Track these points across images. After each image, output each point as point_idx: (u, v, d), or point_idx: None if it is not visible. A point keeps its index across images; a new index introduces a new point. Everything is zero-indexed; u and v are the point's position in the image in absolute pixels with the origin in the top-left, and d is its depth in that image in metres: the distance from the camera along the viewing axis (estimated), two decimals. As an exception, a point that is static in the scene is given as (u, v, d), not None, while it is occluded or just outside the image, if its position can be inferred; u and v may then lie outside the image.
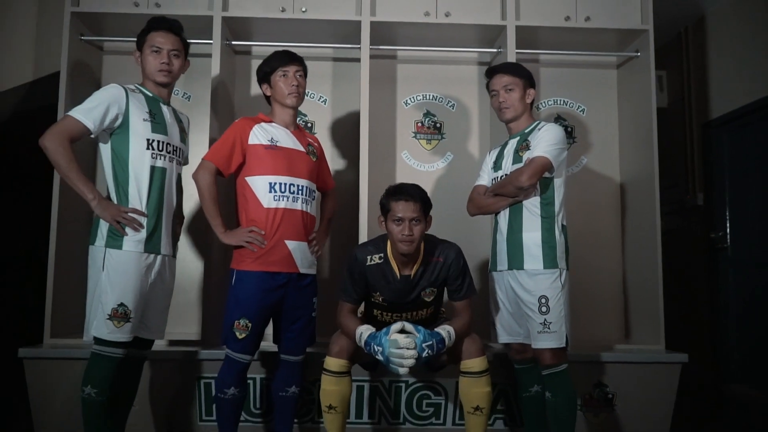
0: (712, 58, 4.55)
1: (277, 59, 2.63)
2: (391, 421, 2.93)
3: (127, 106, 2.42)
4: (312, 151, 2.70)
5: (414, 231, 2.43)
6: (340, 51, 3.42)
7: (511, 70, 2.68)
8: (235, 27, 3.21)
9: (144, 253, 2.40)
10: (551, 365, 2.47)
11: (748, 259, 4.26)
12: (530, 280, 2.51)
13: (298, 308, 2.60)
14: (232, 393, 2.51)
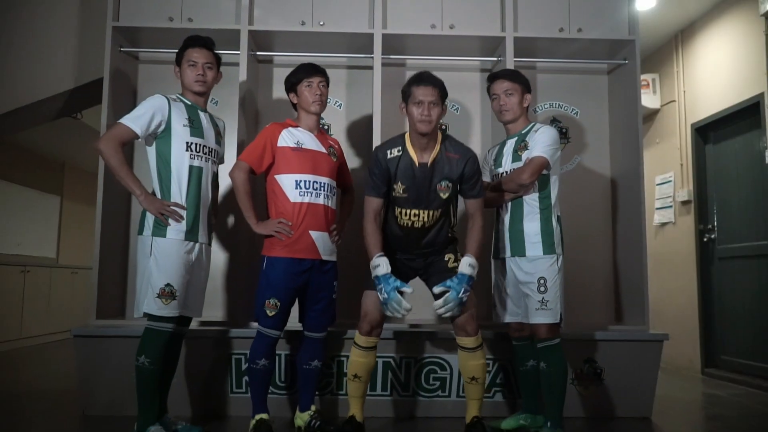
0: (702, 62, 4.85)
1: (303, 71, 2.91)
2: (401, 393, 3.21)
3: (169, 113, 2.73)
4: (333, 152, 2.97)
5: (432, 112, 2.66)
6: (354, 60, 3.68)
7: (510, 76, 2.94)
8: (259, 39, 3.50)
9: (185, 241, 2.69)
10: (546, 339, 2.74)
11: (733, 251, 4.56)
12: (530, 265, 2.77)
13: (321, 290, 2.86)
14: (263, 364, 2.77)
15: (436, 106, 2.69)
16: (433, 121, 2.67)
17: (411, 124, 2.73)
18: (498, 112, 2.95)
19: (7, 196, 7.07)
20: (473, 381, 2.75)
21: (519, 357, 2.99)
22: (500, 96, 2.91)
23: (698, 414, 3.73)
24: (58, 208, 8.23)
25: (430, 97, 2.67)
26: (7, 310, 6.13)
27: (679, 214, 5.14)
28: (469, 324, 2.72)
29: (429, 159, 2.73)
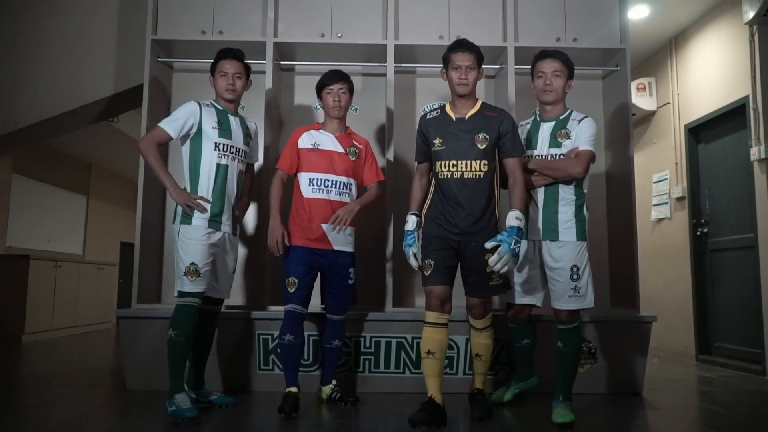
0: (693, 67, 5.14)
1: (326, 78, 3.21)
2: (413, 371, 3.53)
3: (200, 117, 3.04)
4: (353, 152, 3.21)
5: (469, 76, 2.86)
6: (368, 68, 3.99)
7: (563, 58, 3.00)
8: (283, 50, 3.84)
9: (208, 228, 2.99)
10: (569, 322, 2.92)
11: (724, 243, 4.85)
12: (561, 251, 2.89)
13: (336, 275, 3.15)
14: (288, 339, 3.04)
15: (473, 70, 2.88)
16: (470, 84, 2.87)
17: (451, 87, 2.93)
18: (541, 90, 2.99)
19: (38, 195, 7.46)
20: (478, 357, 3.02)
21: (515, 336, 3.18)
22: (547, 75, 2.96)
23: (686, 391, 4.03)
24: (84, 206, 8.64)
25: (467, 62, 2.86)
26: (40, 302, 6.51)
27: (674, 210, 5.43)
28: (476, 308, 2.93)
29: (467, 115, 2.90)
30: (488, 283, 2.86)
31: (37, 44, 4.19)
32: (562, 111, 3.01)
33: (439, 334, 2.83)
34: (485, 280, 2.85)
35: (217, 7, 3.88)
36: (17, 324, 6.16)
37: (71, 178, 8.29)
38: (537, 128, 3.03)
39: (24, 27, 4.22)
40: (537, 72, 3.02)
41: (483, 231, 2.83)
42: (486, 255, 2.76)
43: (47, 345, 6.18)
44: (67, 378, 4.13)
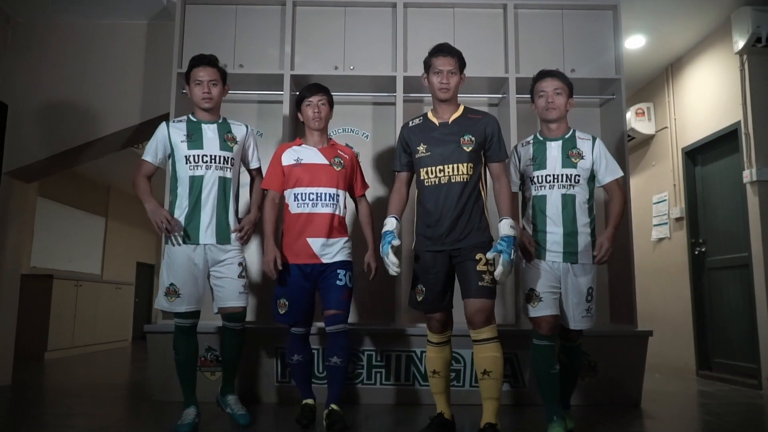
0: (689, 93, 5.38)
1: (305, 90, 3.18)
2: (421, 383, 3.71)
3: (169, 136, 3.05)
4: (338, 162, 3.13)
5: (450, 81, 2.80)
6: (379, 98, 4.23)
7: (562, 76, 3.00)
8: (299, 81, 4.07)
9: (186, 245, 2.95)
10: (575, 339, 2.97)
11: (721, 262, 5.04)
12: (581, 273, 2.86)
13: (324, 281, 3.03)
14: (296, 359, 3.11)
15: (455, 74, 2.82)
16: (451, 89, 2.81)
17: (432, 92, 2.87)
18: (544, 109, 2.95)
19: (60, 217, 7.74)
20: (485, 375, 2.67)
21: (545, 361, 2.84)
22: (549, 93, 2.93)
23: (683, 403, 4.20)
24: (103, 227, 8.91)
25: (448, 66, 2.80)
26: (62, 320, 6.76)
27: (673, 230, 5.62)
28: (475, 316, 2.68)
29: (450, 118, 2.84)
30: (478, 282, 2.69)
31: (71, 77, 4.45)
32: (566, 130, 2.99)
33: (443, 353, 2.86)
34: (476, 279, 2.69)
35: (237, 42, 4.15)
36: (40, 341, 6.41)
37: (91, 201, 8.59)
38: (543, 147, 2.98)
39: (58, 60, 4.49)
40: (538, 92, 3.00)
41: (473, 233, 2.75)
42: (477, 255, 2.70)
43: (68, 361, 6.41)
44: (94, 390, 4.36)
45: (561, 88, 2.95)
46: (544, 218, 2.91)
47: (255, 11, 4.21)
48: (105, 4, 4.30)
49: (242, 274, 3.09)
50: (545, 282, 2.85)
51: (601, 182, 2.97)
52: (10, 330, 4.55)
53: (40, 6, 4.34)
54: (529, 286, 2.89)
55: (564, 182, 2.90)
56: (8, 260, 4.51)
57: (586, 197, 2.93)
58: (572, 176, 2.90)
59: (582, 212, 2.90)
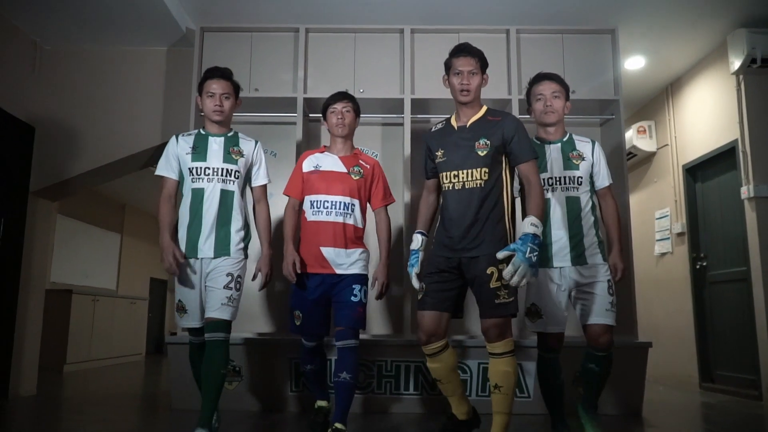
0: (688, 111, 5.54)
1: (330, 98, 3.17)
2: (430, 392, 3.86)
3: (176, 148, 3.00)
4: (357, 171, 3.09)
5: (471, 81, 2.69)
6: (387, 119, 4.42)
7: (559, 79, 2.98)
8: (311, 104, 4.28)
9: (188, 259, 2.91)
10: (606, 347, 2.80)
11: (721, 276, 5.17)
12: (593, 271, 2.82)
13: (338, 294, 2.98)
14: (309, 368, 3.15)
15: (476, 75, 2.72)
16: (472, 90, 2.70)
17: (453, 95, 2.78)
18: (542, 113, 2.94)
19: (78, 234, 7.96)
20: (496, 390, 2.60)
21: (551, 373, 2.94)
22: (547, 97, 2.91)
23: (684, 413, 4.32)
24: (118, 244, 9.13)
25: (469, 67, 2.70)
26: (80, 334, 6.95)
27: (675, 245, 5.75)
28: (489, 330, 2.59)
29: (468, 122, 2.74)
30: (494, 300, 2.54)
31: (94, 100, 4.67)
32: (563, 133, 2.99)
33: (438, 362, 2.73)
34: (491, 298, 2.55)
35: (253, 67, 4.37)
36: (60, 354, 6.60)
37: (107, 218, 8.82)
38: (542, 150, 2.94)
39: (81, 85, 4.71)
40: (535, 95, 2.97)
41: (486, 242, 2.59)
42: (489, 269, 2.55)
43: (86, 374, 6.59)
44: (114, 400, 4.53)
45: (559, 91, 2.95)
46: (548, 222, 2.85)
47: (269, 38, 4.44)
48: (127, 32, 4.52)
49: (229, 285, 2.90)
50: (548, 294, 2.83)
51: (597, 187, 2.98)
52: (35, 342, 4.74)
53: (66, 34, 4.57)
54: (531, 300, 2.88)
55: (567, 184, 2.88)
56: (34, 276, 4.71)
57: (588, 199, 2.92)
58: (575, 178, 2.89)
59: (587, 214, 2.89)
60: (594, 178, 2.98)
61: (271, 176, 3.43)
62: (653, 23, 4.55)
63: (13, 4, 4.18)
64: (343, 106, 3.14)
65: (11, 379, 4.45)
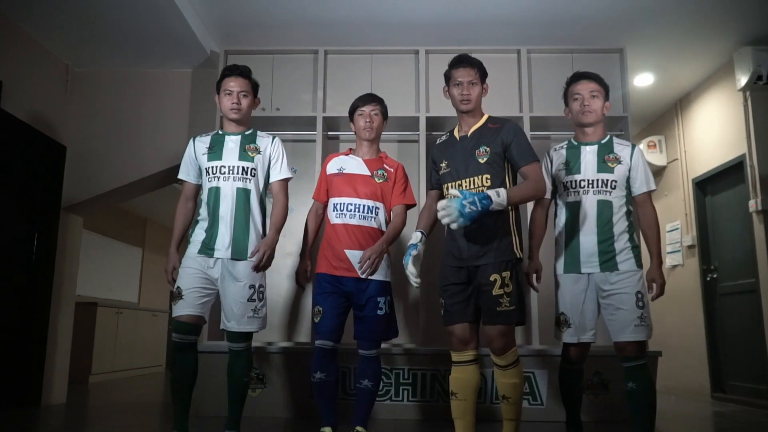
0: (697, 126, 5.66)
1: (359, 100, 3.14)
2: (445, 400, 3.97)
3: (194, 149, 3.01)
4: (381, 174, 3.07)
5: (471, 91, 2.70)
6: (403, 136, 4.58)
7: (598, 78, 2.87)
8: (330, 122, 4.47)
9: (199, 255, 2.87)
10: (636, 357, 2.66)
11: (731, 288, 5.26)
12: (623, 279, 2.68)
13: (364, 306, 2.95)
14: (319, 377, 2.89)
15: (476, 85, 2.72)
16: (472, 100, 2.71)
17: (454, 104, 2.79)
18: (579, 113, 2.85)
19: (102, 248, 8.16)
20: (505, 400, 2.62)
21: (572, 382, 2.93)
22: (584, 96, 2.82)
23: (695, 421, 4.41)
24: (140, 258, 9.34)
25: (468, 78, 2.71)
26: (104, 346, 7.14)
27: (686, 257, 5.85)
28: (492, 343, 2.59)
29: (469, 131, 2.74)
30: (496, 308, 2.55)
31: (122, 120, 4.87)
32: (603, 134, 2.87)
33: (464, 373, 2.66)
34: (493, 305, 2.56)
35: (275, 87, 4.57)
36: (85, 365, 6.78)
37: (129, 233, 9.02)
38: (577, 152, 2.87)
39: (110, 106, 4.93)
40: (572, 95, 2.88)
41: (491, 251, 2.59)
42: (492, 276, 2.56)
43: (111, 385, 6.77)
44: (143, 408, 4.71)
45: (597, 91, 2.84)
46: (577, 226, 2.79)
47: (290, 59, 4.65)
48: (154, 55, 4.73)
49: (252, 298, 2.89)
50: (576, 303, 2.77)
51: (634, 192, 2.83)
52: (65, 353, 4.93)
53: (96, 57, 4.80)
54: (560, 309, 2.84)
55: (600, 187, 2.77)
56: (64, 288, 4.90)
57: (623, 203, 2.80)
58: (608, 181, 2.78)
59: (619, 219, 2.76)
60: (631, 183, 2.83)
61: (291, 192, 3.47)
62: (661, 42, 4.69)
63: (47, 31, 4.41)
64: (371, 109, 3.11)
65: (43, 388, 4.64)
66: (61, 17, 4.21)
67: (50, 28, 4.39)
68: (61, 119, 4.85)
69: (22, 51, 4.38)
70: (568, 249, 2.83)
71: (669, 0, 4.13)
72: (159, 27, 4.28)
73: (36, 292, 4.61)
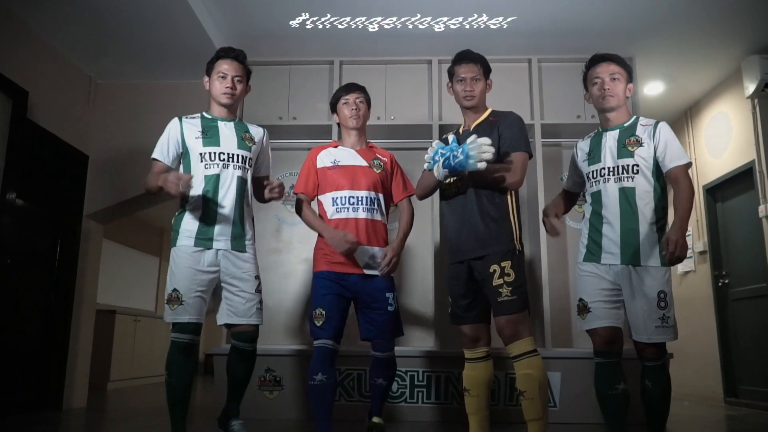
0: (707, 134, 5.72)
1: (341, 90, 3.06)
2: (459, 402, 4.04)
3: (181, 130, 2.79)
4: (378, 164, 2.99)
5: (474, 88, 2.69)
6: (416, 143, 4.65)
7: (619, 60, 2.68)
8: (345, 131, 4.62)
9: (195, 248, 2.66)
10: (656, 358, 2.52)
11: (743, 293, 5.30)
12: (645, 276, 2.48)
13: (372, 303, 2.87)
14: (319, 379, 2.73)
15: (479, 81, 2.72)
16: (475, 96, 2.71)
17: (457, 100, 2.80)
18: (600, 98, 2.66)
19: (121, 257, 8.31)
20: (522, 396, 2.51)
21: (606, 380, 2.58)
22: (604, 80, 2.64)
23: (709, 425, 4.44)
24: (157, 267, 9.48)
25: (471, 74, 2.71)
26: (122, 353, 7.26)
27: (698, 263, 5.89)
28: (501, 332, 2.55)
29: (472, 125, 2.74)
30: (497, 299, 2.54)
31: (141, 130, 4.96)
32: (627, 117, 2.66)
33: (475, 370, 2.67)
34: (495, 296, 2.55)
35: (291, 97, 4.70)
36: (104, 372, 6.89)
37: (147, 242, 9.18)
38: (599, 140, 2.69)
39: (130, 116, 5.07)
40: (591, 79, 2.71)
41: (490, 242, 2.58)
42: (492, 267, 2.55)
43: (129, 391, 6.89)
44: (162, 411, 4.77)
45: (618, 73, 2.65)
46: (600, 216, 2.60)
47: (306, 70, 4.78)
48: (173, 66, 4.87)
49: (258, 289, 2.85)
50: (596, 289, 2.57)
51: (665, 169, 2.54)
52: (86, 359, 5.05)
53: (118, 69, 4.95)
54: (579, 295, 2.65)
55: (620, 174, 2.56)
56: (85, 295, 5.03)
57: (649, 190, 2.54)
58: (629, 167, 2.55)
59: (645, 207, 2.53)
60: (660, 162, 2.55)
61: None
62: (670, 51, 4.77)
63: (72, 44, 4.56)
64: (356, 97, 3.03)
65: (65, 393, 4.75)
66: (85, 30, 4.36)
67: (75, 42, 4.54)
68: (84, 129, 5.00)
69: (47, 63, 4.53)
70: (590, 239, 2.65)
71: (677, 10, 4.23)
72: (179, 39, 4.42)
73: (58, 297, 4.74)
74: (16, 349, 4.33)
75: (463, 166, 2.48)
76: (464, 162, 2.46)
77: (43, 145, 4.52)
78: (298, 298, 4.44)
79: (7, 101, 4.03)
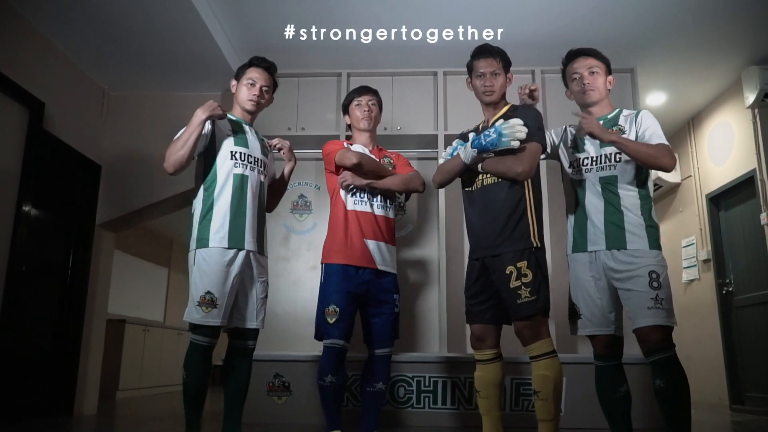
0: (709, 143, 5.79)
1: (354, 92, 3.15)
2: (466, 407, 4.10)
3: (213, 127, 2.75)
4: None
5: (494, 83, 2.64)
6: (423, 153, 4.77)
7: (595, 53, 2.65)
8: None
9: (227, 249, 2.62)
10: (661, 347, 2.31)
11: (747, 300, 5.35)
12: (632, 257, 2.39)
13: (380, 302, 2.92)
14: (330, 380, 2.77)
15: (498, 75, 2.66)
16: (495, 91, 2.66)
17: (477, 96, 2.75)
18: (580, 93, 2.63)
19: (131, 267, 8.41)
20: (535, 395, 2.48)
21: (608, 383, 2.56)
22: (583, 74, 2.61)
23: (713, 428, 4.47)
24: (166, 277, 9.58)
25: (491, 68, 2.66)
26: (131, 362, 7.33)
27: (702, 271, 5.94)
28: (520, 333, 2.51)
29: (491, 120, 2.69)
30: (516, 301, 2.47)
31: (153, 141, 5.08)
32: (609, 110, 2.64)
33: (485, 372, 2.65)
34: (513, 299, 2.48)
35: (300, 108, 4.81)
36: (113, 381, 6.96)
37: (156, 253, 9.28)
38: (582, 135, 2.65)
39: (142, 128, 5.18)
40: (570, 75, 2.68)
41: (507, 241, 2.53)
42: (508, 269, 2.49)
43: (138, 399, 6.95)
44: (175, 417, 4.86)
45: (597, 66, 2.62)
46: (584, 206, 2.57)
47: (314, 82, 4.89)
48: (185, 79, 4.99)
49: (267, 292, 2.87)
50: (584, 292, 2.53)
51: None
52: (96, 367, 5.13)
53: (131, 81, 5.07)
54: (570, 298, 2.62)
55: (602, 163, 2.54)
56: (97, 304, 5.11)
57: (632, 178, 2.50)
58: (611, 155, 2.52)
59: (627, 194, 2.49)
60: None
61: (314, 208, 4.05)
62: (671, 62, 4.86)
63: (87, 56, 4.69)
64: (368, 99, 3.10)
65: (76, 399, 4.83)
66: (99, 44, 4.48)
67: (89, 54, 4.66)
68: (97, 140, 5.10)
69: (63, 75, 4.65)
70: (576, 227, 2.60)
71: (677, 22, 4.32)
72: (191, 52, 4.53)
73: (71, 305, 4.82)
74: (29, 355, 4.41)
75: (495, 144, 2.49)
76: (497, 140, 2.48)
77: (58, 154, 4.63)
78: (307, 305, 4.49)
79: (24, 112, 4.14)
